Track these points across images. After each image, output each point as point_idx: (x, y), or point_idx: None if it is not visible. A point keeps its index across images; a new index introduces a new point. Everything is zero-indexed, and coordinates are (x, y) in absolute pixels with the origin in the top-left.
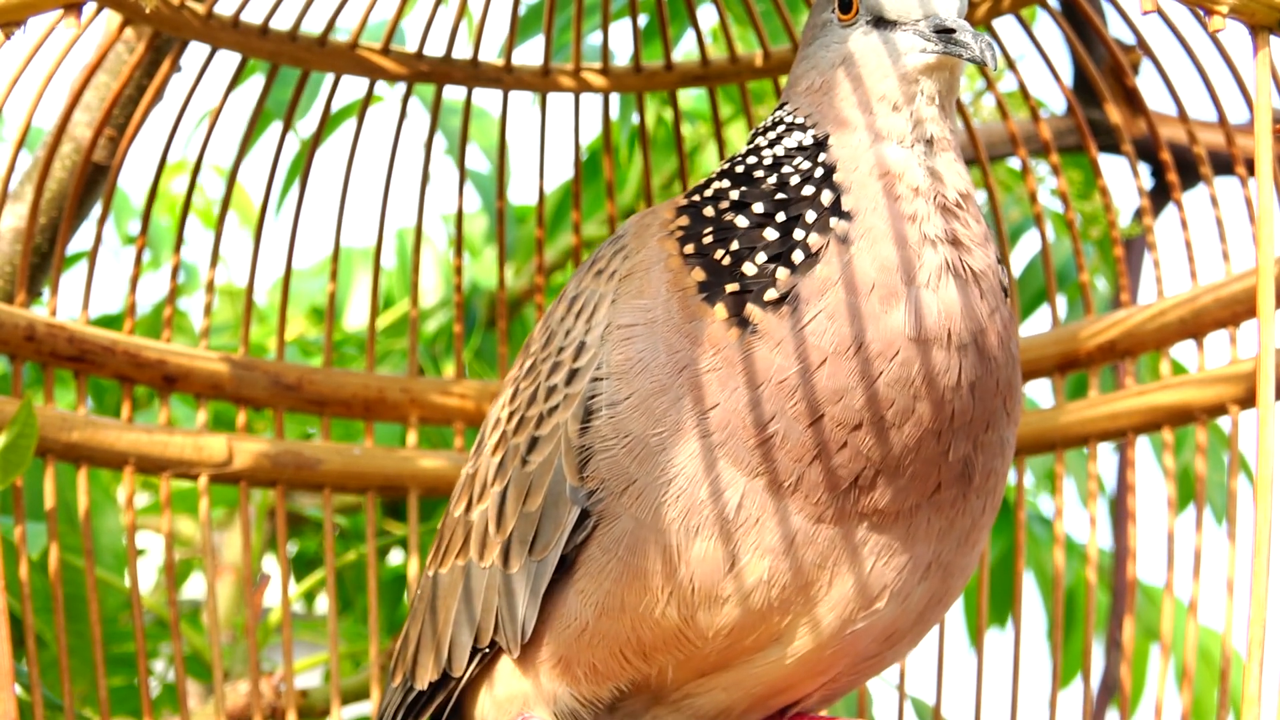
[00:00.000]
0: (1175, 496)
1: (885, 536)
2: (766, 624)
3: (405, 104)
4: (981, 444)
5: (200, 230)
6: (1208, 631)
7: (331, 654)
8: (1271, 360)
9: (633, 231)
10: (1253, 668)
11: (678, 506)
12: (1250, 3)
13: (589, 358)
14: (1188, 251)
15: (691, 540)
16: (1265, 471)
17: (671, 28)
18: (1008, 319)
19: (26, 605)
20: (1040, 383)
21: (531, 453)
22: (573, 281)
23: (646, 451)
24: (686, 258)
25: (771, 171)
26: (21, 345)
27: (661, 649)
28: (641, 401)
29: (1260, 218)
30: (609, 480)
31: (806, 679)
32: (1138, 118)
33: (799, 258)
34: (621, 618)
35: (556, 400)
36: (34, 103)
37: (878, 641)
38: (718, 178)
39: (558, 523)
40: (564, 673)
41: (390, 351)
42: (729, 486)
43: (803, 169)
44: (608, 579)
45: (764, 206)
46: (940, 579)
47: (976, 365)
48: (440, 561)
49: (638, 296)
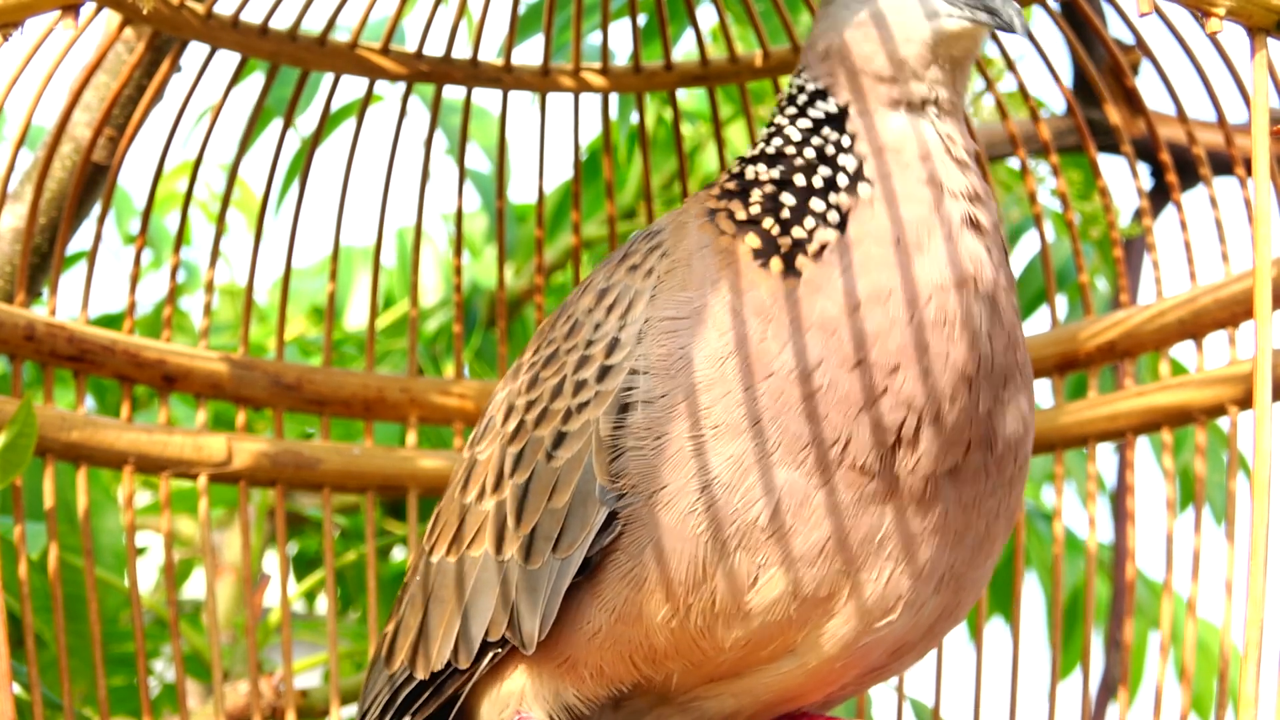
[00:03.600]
0: (1174, 497)
1: (908, 531)
2: (784, 637)
3: (405, 103)
4: (1001, 400)
5: (200, 230)
6: (1207, 626)
7: (331, 654)
8: (1269, 361)
9: (670, 229)
10: (1250, 667)
11: (709, 516)
12: (1248, 4)
13: (624, 355)
14: (1187, 252)
15: (719, 553)
16: (1263, 472)
17: (671, 27)
18: (1010, 278)
19: (26, 605)
20: (1040, 383)
21: (559, 448)
22: (600, 273)
23: (681, 455)
24: (739, 226)
25: (803, 146)
26: (21, 345)
27: (673, 657)
28: (683, 399)
29: (1258, 218)
30: (640, 483)
31: (815, 689)
32: (1137, 118)
33: (834, 218)
34: (637, 625)
35: (587, 396)
36: (34, 102)
37: (887, 654)
38: (751, 162)
39: (585, 522)
40: (569, 672)
41: (390, 351)
42: (768, 489)
43: (830, 138)
44: (627, 586)
45: (804, 178)
46: (952, 592)
47: (993, 314)
48: (447, 550)
49: (681, 289)
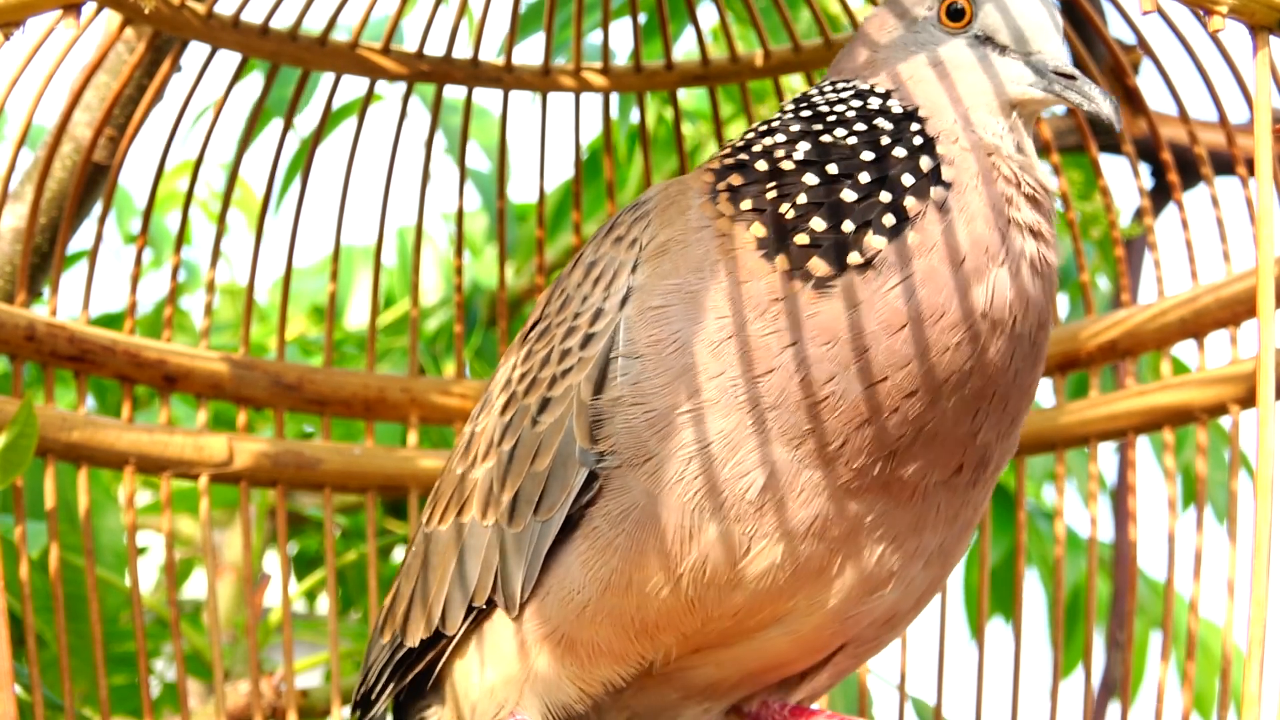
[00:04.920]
0: (1176, 496)
1: (900, 520)
2: (774, 606)
3: (405, 103)
4: (1002, 435)
5: (201, 229)
6: (1208, 625)
7: (332, 654)
8: (1272, 360)
9: (658, 203)
10: (1253, 666)
11: (697, 484)
12: (1250, 3)
13: (606, 323)
14: (1188, 251)
15: (708, 519)
16: (1265, 471)
17: (672, 27)
18: (1050, 321)
19: (27, 605)
20: (1041, 383)
21: (543, 413)
22: (590, 247)
23: (670, 427)
24: (741, 213)
25: (849, 132)
26: (22, 345)
27: (666, 629)
28: (674, 379)
29: (1260, 217)
30: (624, 449)
31: (801, 657)
32: (1138, 117)
33: (890, 221)
34: (627, 595)
35: (570, 363)
36: (34, 102)
37: (877, 625)
38: (763, 134)
39: (565, 484)
40: (568, 653)
41: (390, 351)
42: (760, 464)
43: (894, 133)
44: (615, 555)
45: (841, 167)
46: (940, 565)
47: (1027, 356)
48: (440, 519)
49: (672, 275)
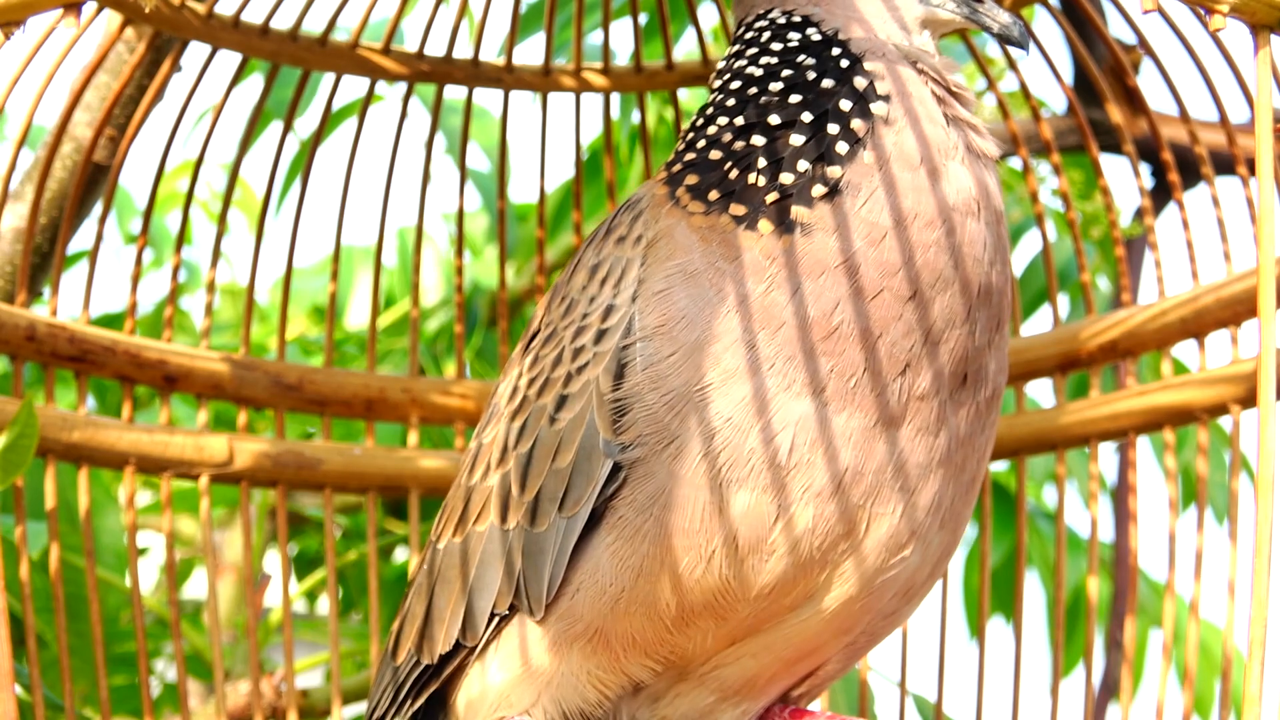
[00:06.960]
0: (1176, 497)
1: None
2: (807, 579)
3: (406, 104)
4: (994, 342)
5: (201, 229)
6: (1209, 626)
7: (332, 654)
8: (1272, 360)
9: (647, 200)
10: (1254, 667)
11: (721, 459)
12: (1251, 2)
13: (619, 317)
14: (1189, 251)
15: (736, 492)
16: (1266, 471)
17: (672, 27)
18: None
19: (27, 605)
20: (1041, 382)
21: (560, 410)
22: (589, 251)
23: (690, 406)
24: (709, 206)
25: (772, 79)
26: (22, 345)
27: (702, 613)
28: (688, 356)
29: (1261, 217)
30: (646, 435)
31: (832, 639)
32: (1139, 117)
33: (844, 147)
34: (661, 580)
35: (585, 359)
36: (35, 102)
37: (898, 596)
38: (704, 124)
39: (590, 477)
40: (602, 647)
41: (391, 351)
42: (785, 424)
43: (818, 65)
44: (645, 540)
45: (781, 115)
46: (950, 530)
47: (996, 246)
48: (454, 531)
49: (669, 259)
